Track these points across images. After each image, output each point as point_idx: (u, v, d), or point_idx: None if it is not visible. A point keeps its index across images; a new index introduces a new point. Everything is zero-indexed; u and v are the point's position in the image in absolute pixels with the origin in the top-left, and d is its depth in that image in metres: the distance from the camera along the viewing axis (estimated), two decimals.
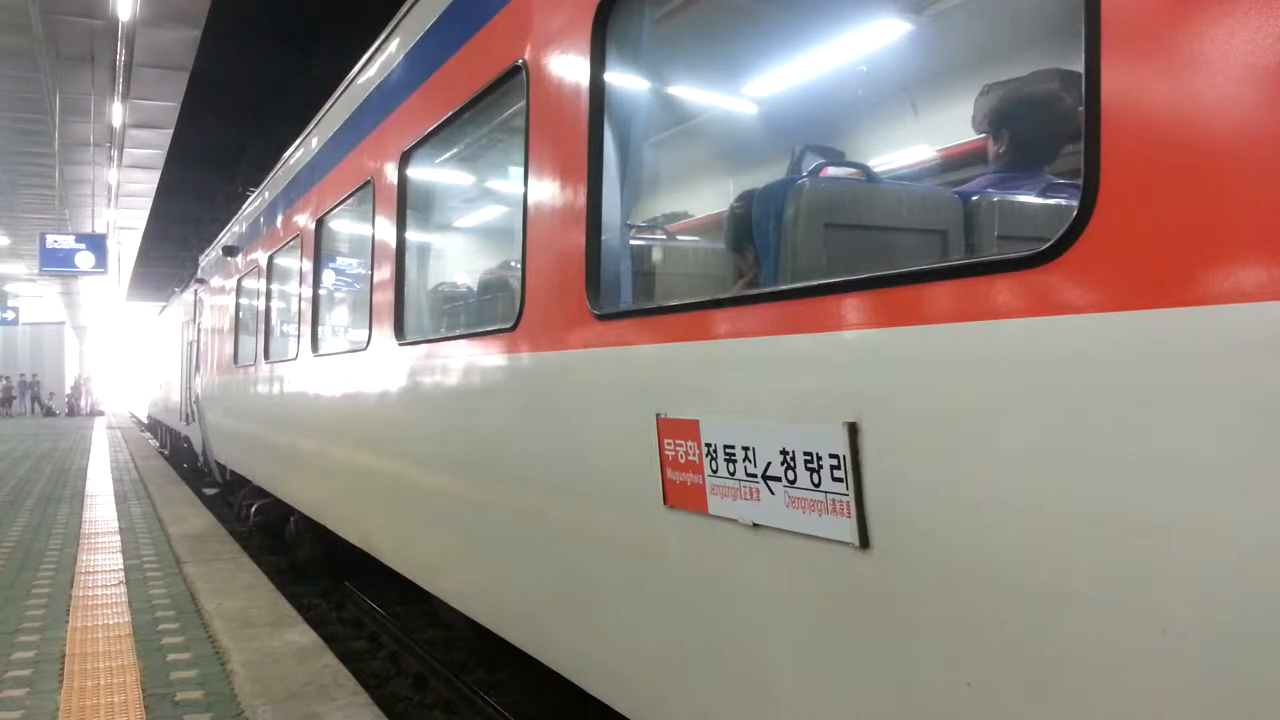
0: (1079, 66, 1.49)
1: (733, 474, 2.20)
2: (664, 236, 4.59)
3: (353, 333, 6.93)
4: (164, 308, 25.93)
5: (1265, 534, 1.24)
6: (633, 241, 3.62)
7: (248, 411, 9.16)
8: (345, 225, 6.65)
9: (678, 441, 2.40)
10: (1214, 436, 1.30)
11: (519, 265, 3.31)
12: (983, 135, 2.98)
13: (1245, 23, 1.28)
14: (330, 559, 7.51)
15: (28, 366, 45.86)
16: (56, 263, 20.40)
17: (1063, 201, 2.59)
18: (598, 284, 2.82)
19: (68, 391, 44.71)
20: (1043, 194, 2.68)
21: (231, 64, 15.48)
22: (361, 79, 5.62)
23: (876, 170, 3.19)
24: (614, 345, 2.76)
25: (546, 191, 3.12)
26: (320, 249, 6.55)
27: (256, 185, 10.30)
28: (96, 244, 20.79)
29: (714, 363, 2.35)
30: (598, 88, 2.85)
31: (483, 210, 7.77)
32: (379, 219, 4.94)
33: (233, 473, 10.68)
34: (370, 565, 5.44)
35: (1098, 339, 1.45)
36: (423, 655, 5.66)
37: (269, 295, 8.26)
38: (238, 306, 10.09)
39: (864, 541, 1.86)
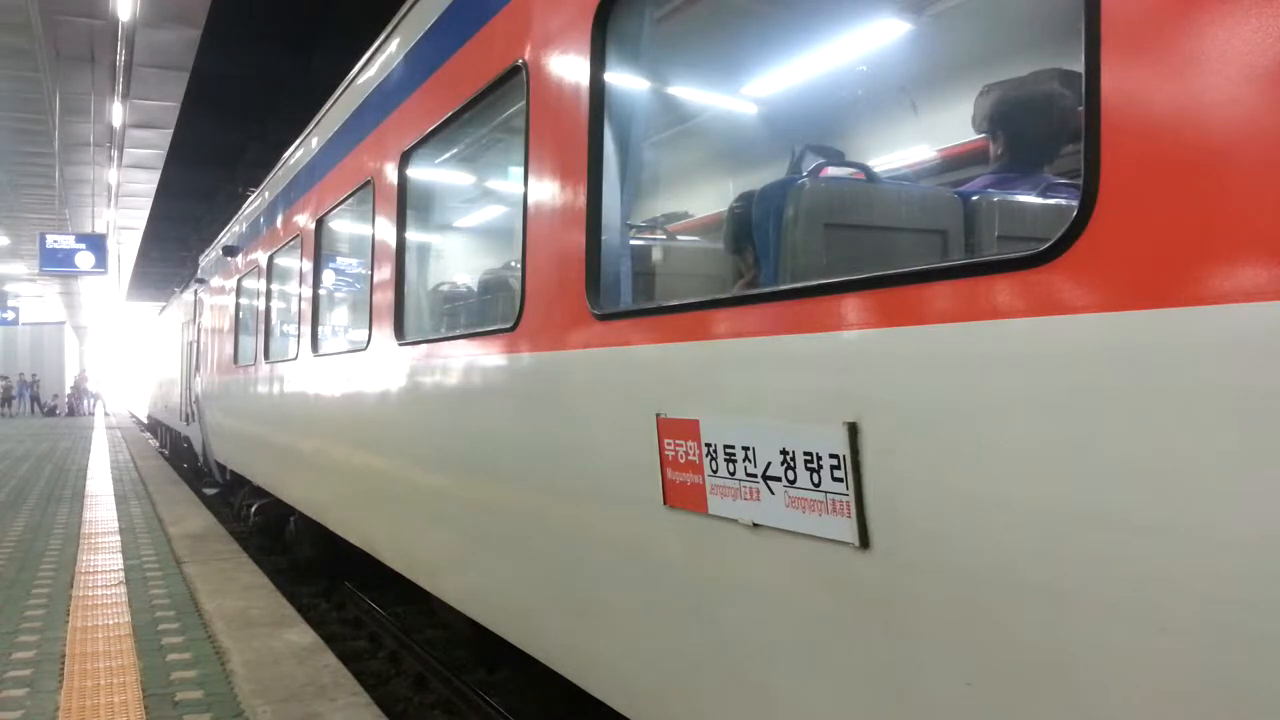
0: (1079, 66, 1.49)
1: (733, 474, 2.20)
2: (664, 236, 4.59)
3: (353, 333, 6.93)
4: (164, 308, 25.93)
5: (1265, 533, 1.24)
6: (633, 241, 3.62)
7: (248, 411, 9.16)
8: (345, 225, 6.65)
9: (678, 441, 2.40)
10: (1214, 436, 1.30)
11: (519, 265, 3.31)
12: (983, 135, 2.98)
13: (1245, 23, 1.28)
14: (330, 559, 7.51)
15: (28, 366, 45.85)
16: (56, 263, 20.37)
17: (1062, 201, 2.59)
18: (598, 284, 2.82)
19: (68, 391, 44.68)
20: (1043, 194, 2.68)
21: (231, 64, 15.46)
22: (361, 79, 5.62)
23: (876, 170, 3.19)
24: (614, 345, 2.76)
25: (546, 191, 3.12)
26: (320, 249, 6.55)
27: (256, 185, 10.30)
28: (96, 244, 20.76)
29: (714, 363, 2.35)
30: (598, 88, 2.85)
31: (483, 210, 7.77)
32: (379, 219, 4.94)
33: (233, 473, 10.69)
34: (370, 565, 5.44)
35: (1097, 339, 1.45)
36: (423, 655, 5.66)
37: (269, 295, 8.26)
38: (238, 306, 10.09)
39: (864, 541, 1.86)
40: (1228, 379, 1.29)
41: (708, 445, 2.29)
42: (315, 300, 6.47)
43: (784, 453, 2.04)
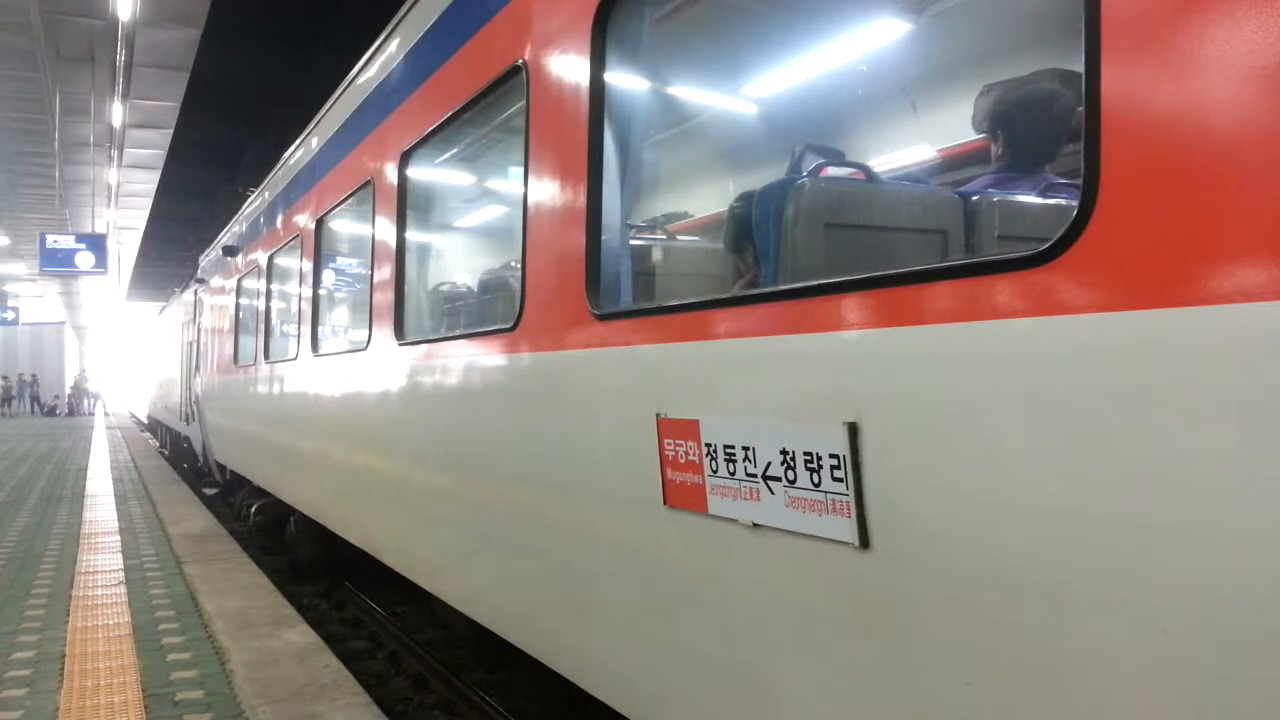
0: (1079, 66, 1.49)
1: (733, 474, 2.20)
2: (664, 236, 4.59)
3: (353, 333, 6.93)
4: (164, 308, 25.93)
5: (1265, 533, 1.24)
6: (633, 241, 3.62)
7: (248, 412, 9.16)
8: (345, 225, 6.65)
9: (678, 441, 2.40)
10: (1214, 436, 1.30)
11: (519, 265, 3.31)
12: (983, 135, 2.98)
13: (1245, 23, 1.28)
14: (330, 559, 7.51)
15: (28, 366, 45.85)
16: (56, 263, 20.38)
17: (1063, 201, 2.59)
18: (598, 284, 2.82)
19: (68, 391, 44.67)
20: (1043, 194, 2.68)
21: (231, 64, 15.46)
22: (361, 79, 5.62)
23: (876, 170, 3.19)
24: (614, 345, 2.76)
25: (546, 191, 3.12)
26: (320, 249, 6.55)
27: (256, 185, 10.30)
28: (96, 244, 20.77)
29: (714, 363, 2.35)
30: (598, 88, 2.85)
31: (483, 210, 7.77)
32: (379, 219, 4.94)
33: (233, 473, 10.69)
34: (370, 565, 5.44)
35: (1097, 339, 1.45)
36: (423, 655, 5.66)
37: (269, 295, 8.26)
38: (238, 306, 10.09)
39: (864, 541, 1.86)
40: (1228, 379, 1.29)
41: (708, 445, 2.29)
42: (315, 300, 6.47)
43: (784, 453, 2.04)
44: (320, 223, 6.46)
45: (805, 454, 1.98)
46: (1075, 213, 1.49)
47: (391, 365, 4.70)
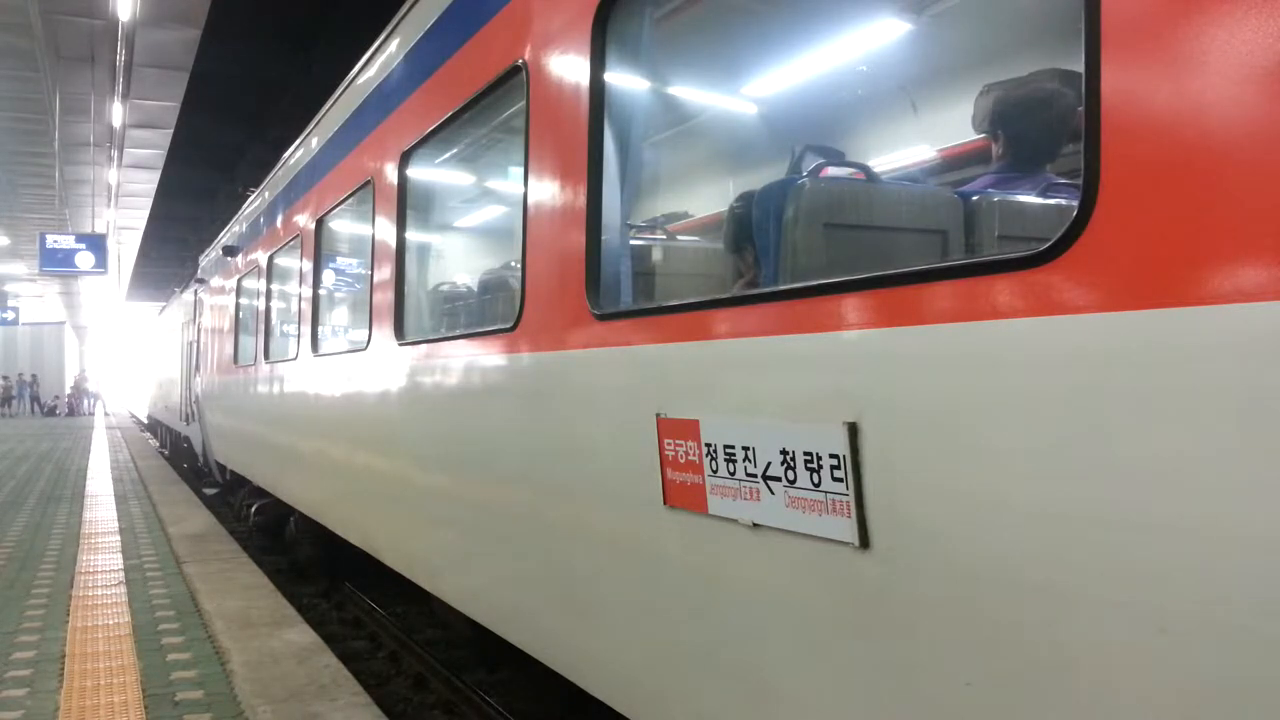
0: (1079, 66, 1.49)
1: (733, 474, 2.20)
2: (664, 236, 4.59)
3: (353, 333, 6.94)
4: (164, 308, 25.94)
5: (1265, 533, 1.24)
6: (633, 241, 3.62)
7: (248, 411, 9.16)
8: (345, 225, 6.65)
9: (678, 441, 2.40)
10: (1213, 436, 1.30)
11: (519, 265, 3.31)
12: (983, 135, 2.98)
13: (1245, 23, 1.28)
14: (330, 559, 7.51)
15: (28, 366, 45.85)
16: (56, 263, 20.39)
17: (1063, 201, 2.59)
18: (598, 284, 2.82)
19: (68, 391, 44.67)
20: (1043, 194, 2.68)
21: (231, 64, 15.47)
22: (361, 79, 5.62)
23: (876, 170, 3.19)
24: (614, 345, 2.76)
25: (546, 191, 3.12)
26: (320, 249, 6.55)
27: (256, 185, 10.30)
28: (96, 244, 20.78)
29: (714, 363, 2.35)
30: (598, 88, 2.85)
31: (483, 210, 7.77)
32: (379, 219, 4.94)
33: (233, 473, 10.69)
34: (370, 565, 5.44)
35: (1097, 339, 1.45)
36: (423, 655, 5.66)
37: (269, 295, 8.26)
38: (238, 306, 10.09)
39: (864, 541, 1.86)
40: (1228, 379, 1.29)
41: (708, 445, 2.29)
42: (315, 300, 6.47)
43: (784, 453, 2.04)
44: (320, 223, 6.46)
45: (805, 454, 1.98)
46: (1075, 213, 1.49)
47: (391, 365, 4.70)
